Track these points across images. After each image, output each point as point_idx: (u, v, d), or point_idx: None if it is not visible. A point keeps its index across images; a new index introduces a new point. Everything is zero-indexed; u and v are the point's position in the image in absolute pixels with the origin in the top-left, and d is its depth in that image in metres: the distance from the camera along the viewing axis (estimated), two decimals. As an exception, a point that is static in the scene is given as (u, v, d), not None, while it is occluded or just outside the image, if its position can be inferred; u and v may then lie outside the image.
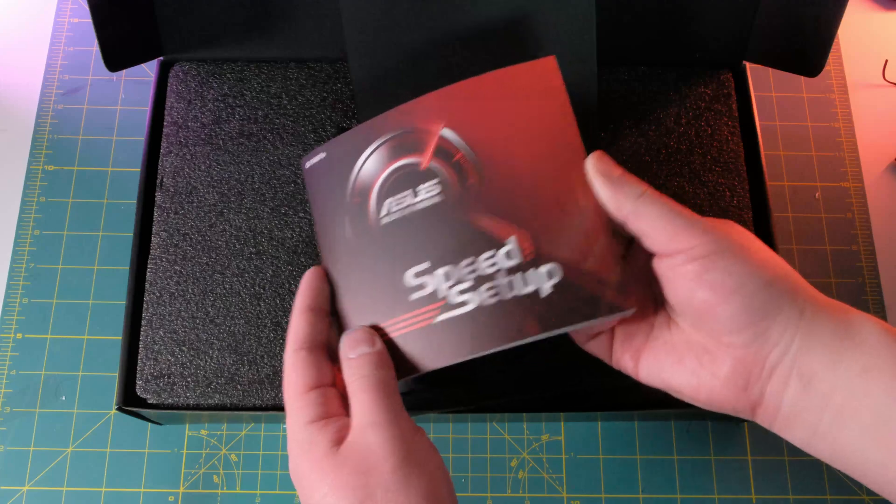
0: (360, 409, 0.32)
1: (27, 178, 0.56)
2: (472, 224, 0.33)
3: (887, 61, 0.60)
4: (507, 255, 0.33)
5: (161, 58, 0.49)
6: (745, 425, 0.50)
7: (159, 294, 0.44)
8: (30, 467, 0.49)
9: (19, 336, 0.52)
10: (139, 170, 0.47)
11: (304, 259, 0.45)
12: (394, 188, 0.35)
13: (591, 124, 0.45)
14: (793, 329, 0.29)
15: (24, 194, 0.55)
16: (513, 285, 0.32)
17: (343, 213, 0.36)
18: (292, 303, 0.35)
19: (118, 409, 0.42)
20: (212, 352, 0.43)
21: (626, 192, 0.31)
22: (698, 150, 0.47)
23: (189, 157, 0.47)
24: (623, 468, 0.49)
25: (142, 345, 0.44)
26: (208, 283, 0.45)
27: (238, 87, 0.49)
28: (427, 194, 0.34)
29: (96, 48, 0.59)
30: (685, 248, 0.30)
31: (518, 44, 0.44)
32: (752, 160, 0.47)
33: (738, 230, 0.31)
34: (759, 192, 0.47)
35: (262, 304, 0.44)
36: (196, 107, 0.48)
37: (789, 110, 0.59)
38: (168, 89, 0.49)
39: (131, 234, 0.46)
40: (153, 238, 0.46)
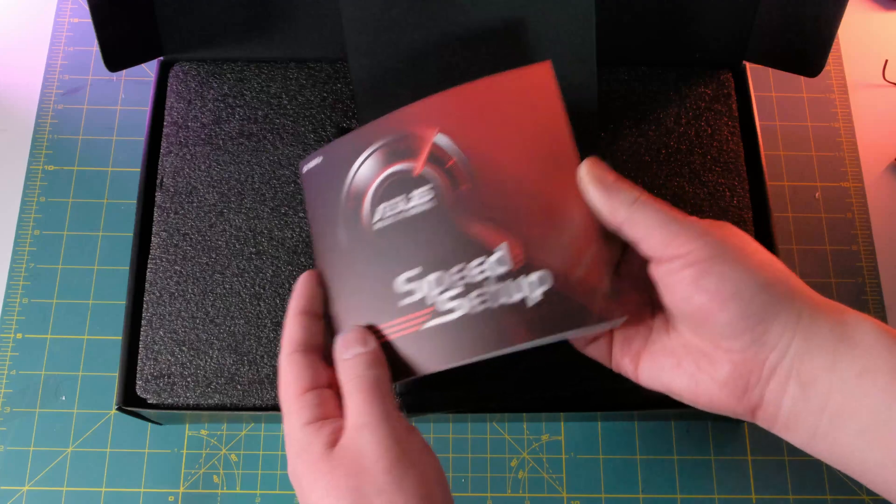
0: (353, 410, 0.32)
1: (27, 178, 0.56)
2: (463, 230, 0.33)
3: (887, 61, 0.60)
4: (498, 262, 0.32)
5: (161, 58, 0.49)
6: (745, 425, 0.50)
7: (159, 294, 0.44)
8: (30, 467, 0.49)
9: (19, 336, 0.52)
10: (139, 170, 0.47)
11: (304, 259, 0.45)
12: (387, 193, 0.35)
13: (591, 124, 0.45)
14: (790, 332, 0.29)
15: (24, 194, 0.55)
16: (501, 293, 0.32)
17: (338, 217, 0.36)
18: None
19: (118, 409, 0.42)
20: (212, 352, 0.43)
21: (621, 198, 0.31)
22: (698, 150, 0.47)
23: (189, 157, 0.47)
24: (623, 468, 0.49)
25: (142, 345, 0.44)
26: (208, 283, 0.45)
27: (238, 87, 0.49)
28: (420, 200, 0.34)
29: (96, 48, 0.59)
30: (681, 253, 0.30)
31: (518, 44, 0.44)
32: (752, 160, 0.47)
33: (735, 232, 0.31)
34: (759, 192, 0.47)
35: (262, 304, 0.44)
36: (196, 107, 0.48)
37: (789, 110, 0.58)
38: (168, 89, 0.49)
39: (131, 234, 0.46)
40: (153, 238, 0.46)
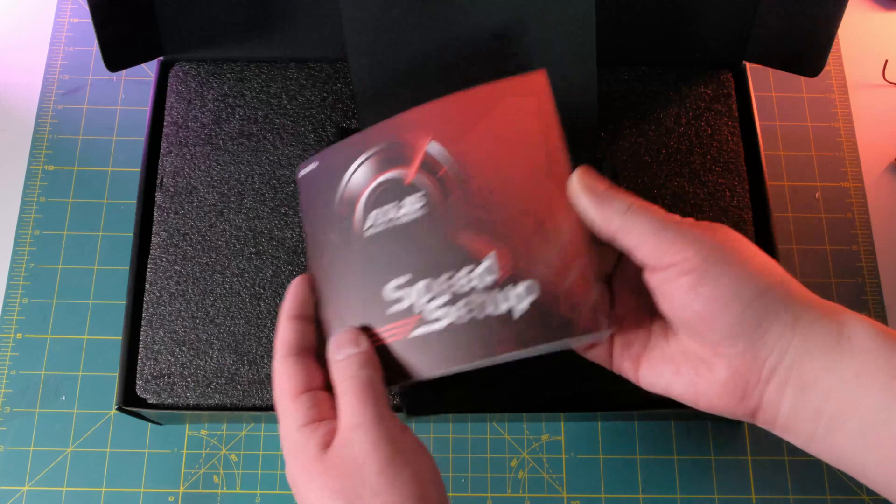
0: (346, 411, 0.32)
1: (27, 178, 0.56)
2: (453, 239, 0.33)
3: (887, 61, 0.60)
4: (487, 271, 0.32)
5: (161, 58, 0.49)
6: (745, 425, 0.50)
7: (159, 294, 0.44)
8: (30, 467, 0.49)
9: (19, 336, 0.52)
10: (139, 170, 0.47)
11: (303, 259, 0.45)
12: (379, 200, 0.35)
13: (591, 124, 0.45)
14: (788, 336, 0.29)
15: (24, 194, 0.55)
16: (488, 303, 0.32)
17: (330, 222, 0.36)
18: None
19: (118, 409, 0.42)
20: (212, 352, 0.43)
21: (614, 207, 0.30)
22: (698, 150, 0.47)
23: (189, 157, 0.47)
24: (623, 468, 0.49)
25: (142, 345, 0.44)
26: (208, 283, 0.45)
27: (238, 87, 0.49)
28: (411, 208, 0.34)
29: (96, 48, 0.59)
30: (676, 261, 0.29)
31: (518, 44, 0.44)
32: (752, 160, 0.47)
33: (731, 236, 0.31)
34: (759, 192, 0.47)
35: (262, 304, 0.44)
36: (196, 107, 0.48)
37: (789, 110, 0.58)
38: (168, 89, 0.49)
39: (131, 234, 0.46)
40: (153, 238, 0.46)
